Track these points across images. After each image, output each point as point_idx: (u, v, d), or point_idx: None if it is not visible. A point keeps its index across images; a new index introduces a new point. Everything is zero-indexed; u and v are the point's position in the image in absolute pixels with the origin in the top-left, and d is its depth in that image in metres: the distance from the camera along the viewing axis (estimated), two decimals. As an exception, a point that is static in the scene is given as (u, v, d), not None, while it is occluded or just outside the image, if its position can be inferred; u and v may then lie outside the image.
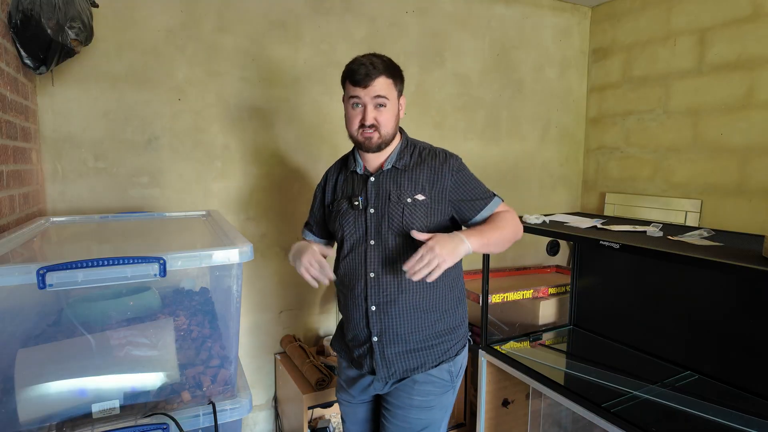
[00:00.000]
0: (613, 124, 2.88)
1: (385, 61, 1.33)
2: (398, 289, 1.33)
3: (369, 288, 1.35)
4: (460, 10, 2.60)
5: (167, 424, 0.97)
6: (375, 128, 1.32)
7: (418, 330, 1.35)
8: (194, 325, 1.21)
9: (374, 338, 1.35)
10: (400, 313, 1.33)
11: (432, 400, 1.37)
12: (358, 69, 1.30)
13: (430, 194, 1.34)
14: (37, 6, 1.42)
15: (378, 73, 1.30)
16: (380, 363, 1.36)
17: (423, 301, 1.34)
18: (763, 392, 1.62)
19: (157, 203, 2.05)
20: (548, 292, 2.47)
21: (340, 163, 1.53)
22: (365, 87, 1.30)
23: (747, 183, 2.25)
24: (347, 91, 1.35)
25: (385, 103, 1.32)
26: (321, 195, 1.53)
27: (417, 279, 1.18)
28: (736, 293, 1.72)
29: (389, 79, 1.32)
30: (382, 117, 1.32)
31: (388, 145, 1.37)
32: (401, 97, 1.40)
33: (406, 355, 1.35)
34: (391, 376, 1.36)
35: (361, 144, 1.36)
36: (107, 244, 1.42)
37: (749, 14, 2.21)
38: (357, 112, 1.34)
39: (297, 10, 2.22)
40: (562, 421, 2.11)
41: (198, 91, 2.07)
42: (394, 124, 1.36)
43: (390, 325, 1.34)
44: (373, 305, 1.34)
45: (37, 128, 1.81)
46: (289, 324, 2.38)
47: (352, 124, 1.36)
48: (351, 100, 1.34)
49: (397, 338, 1.34)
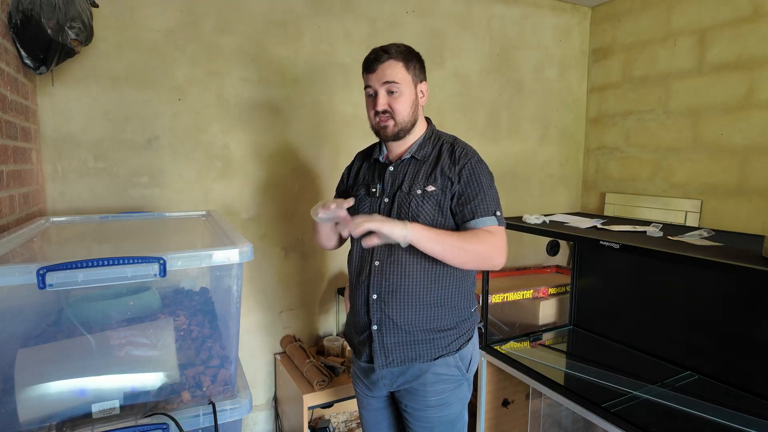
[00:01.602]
0: (613, 124, 2.88)
1: (400, 46, 1.33)
2: (401, 279, 1.31)
3: (372, 276, 1.34)
4: (460, 10, 2.60)
5: (167, 424, 0.97)
6: (389, 115, 1.31)
7: (419, 322, 1.33)
8: (194, 325, 1.21)
9: (374, 326, 1.35)
10: (400, 304, 1.32)
11: (447, 397, 1.36)
12: (369, 56, 1.32)
13: (441, 187, 1.31)
14: (37, 6, 1.42)
15: (387, 57, 1.29)
16: (378, 351, 1.35)
17: (426, 294, 1.32)
18: (763, 392, 1.62)
19: (157, 203, 2.05)
20: (548, 292, 2.47)
21: (369, 149, 1.54)
22: (373, 72, 1.30)
23: (747, 183, 2.25)
24: (364, 80, 1.36)
25: (397, 89, 1.30)
26: (346, 178, 1.55)
27: (353, 230, 1.17)
28: (736, 293, 1.72)
29: (400, 62, 1.30)
30: (395, 103, 1.31)
31: (408, 132, 1.36)
32: (422, 83, 1.38)
33: (404, 346, 1.34)
34: (388, 365, 1.35)
35: (378, 132, 1.36)
36: (107, 244, 1.42)
37: (749, 14, 2.21)
38: (371, 101, 1.34)
39: (297, 10, 2.22)
40: (562, 421, 2.11)
41: (198, 91, 2.07)
42: (411, 111, 1.34)
43: (389, 315, 1.33)
44: (374, 293, 1.34)
45: (37, 128, 1.81)
46: (289, 324, 2.38)
47: (369, 113, 1.36)
48: (366, 90, 1.35)
49: (396, 328, 1.33)
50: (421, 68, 1.37)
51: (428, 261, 1.31)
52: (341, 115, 2.37)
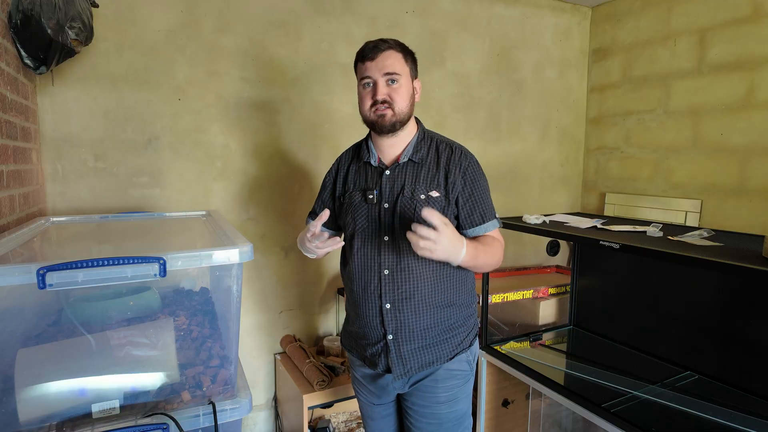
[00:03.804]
0: (614, 124, 2.88)
1: (397, 40, 1.32)
2: (413, 286, 1.30)
3: (383, 285, 1.31)
4: (460, 10, 2.60)
5: (167, 424, 0.97)
6: (388, 105, 1.28)
7: (434, 325, 1.33)
8: (194, 325, 1.21)
9: (389, 336, 1.33)
10: (415, 310, 1.31)
11: (457, 393, 1.37)
12: (366, 45, 1.30)
13: (444, 191, 1.31)
14: (37, 6, 1.42)
15: (388, 46, 1.28)
16: (396, 361, 1.33)
17: (437, 296, 1.32)
18: (763, 392, 1.62)
19: (157, 203, 2.05)
20: (548, 292, 2.47)
21: (352, 151, 1.47)
22: (374, 59, 1.27)
23: (747, 183, 2.25)
24: (358, 72, 1.32)
25: (397, 79, 1.28)
26: (332, 185, 1.47)
27: (415, 250, 1.13)
28: (736, 293, 1.72)
29: (400, 54, 1.29)
30: (395, 94, 1.28)
31: (404, 125, 1.32)
32: (416, 80, 1.36)
33: (421, 351, 1.33)
34: (407, 373, 1.33)
35: (374, 124, 1.31)
36: (107, 244, 1.42)
37: (749, 14, 2.21)
38: (368, 91, 1.30)
39: (297, 10, 2.22)
40: (562, 421, 2.11)
41: (198, 91, 2.07)
42: (409, 104, 1.32)
43: (405, 322, 1.32)
44: (387, 303, 1.32)
45: (37, 128, 1.81)
46: (289, 324, 2.38)
47: (364, 105, 1.31)
48: (362, 81, 1.31)
49: (413, 335, 1.32)
50: (415, 65, 1.35)
51: (434, 264, 1.31)
52: (341, 115, 2.37)
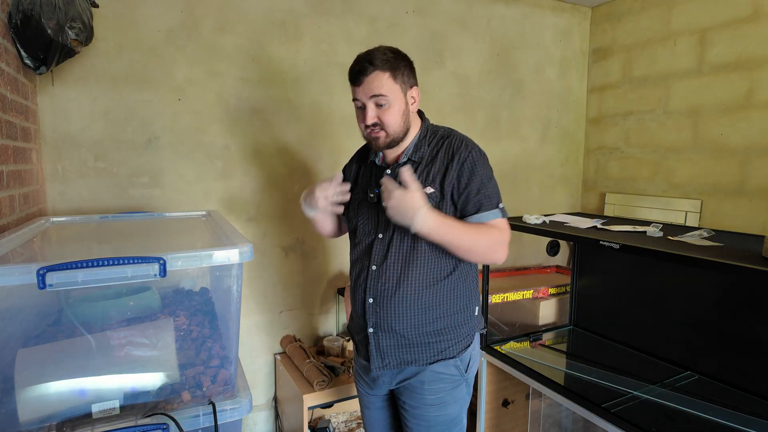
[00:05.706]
0: (613, 124, 2.88)
1: (386, 53, 1.26)
2: (397, 284, 1.31)
3: (369, 280, 1.35)
4: (460, 10, 2.60)
5: (167, 424, 0.97)
6: (380, 127, 1.29)
7: (414, 326, 1.32)
8: (194, 325, 1.21)
9: (370, 329, 1.36)
10: (396, 308, 1.32)
11: (444, 397, 1.36)
12: (353, 66, 1.28)
13: (440, 186, 1.29)
14: (37, 6, 1.42)
15: (372, 68, 1.24)
16: (374, 353, 1.36)
17: (421, 298, 1.31)
18: (763, 392, 1.62)
19: (157, 203, 2.05)
20: (548, 292, 2.47)
21: (362, 151, 1.53)
22: (359, 85, 1.27)
23: (747, 183, 2.25)
24: (351, 92, 1.33)
25: (386, 101, 1.27)
26: (347, 178, 1.51)
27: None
28: (736, 293, 1.72)
29: (386, 73, 1.25)
30: (385, 116, 1.27)
31: (401, 141, 1.33)
32: (412, 89, 1.32)
33: (400, 349, 1.34)
34: (385, 367, 1.36)
35: (370, 143, 1.35)
36: (107, 244, 1.42)
37: (749, 14, 2.21)
38: (360, 113, 1.32)
39: (297, 10, 2.22)
40: (562, 421, 2.10)
41: (198, 91, 2.07)
42: (402, 121, 1.30)
43: (385, 318, 1.33)
44: (370, 297, 1.35)
45: (37, 128, 1.81)
46: (289, 324, 2.38)
47: (359, 124, 1.34)
48: (354, 102, 1.33)
49: (392, 331, 1.33)
50: (410, 73, 1.31)
51: (424, 265, 1.31)
52: (341, 115, 2.37)
